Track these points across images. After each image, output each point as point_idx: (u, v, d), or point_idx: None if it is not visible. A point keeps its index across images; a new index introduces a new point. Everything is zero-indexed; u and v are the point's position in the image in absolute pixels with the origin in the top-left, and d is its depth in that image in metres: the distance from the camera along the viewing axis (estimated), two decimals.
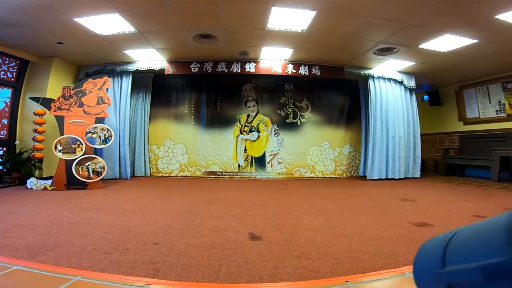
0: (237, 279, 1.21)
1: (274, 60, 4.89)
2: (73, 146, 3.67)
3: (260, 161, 5.65)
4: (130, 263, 1.34)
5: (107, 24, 3.41)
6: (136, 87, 5.43)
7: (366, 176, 5.25)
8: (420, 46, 4.06)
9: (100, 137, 3.85)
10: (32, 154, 3.94)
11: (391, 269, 1.27)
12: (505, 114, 5.10)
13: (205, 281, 1.19)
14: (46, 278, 1.16)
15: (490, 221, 0.25)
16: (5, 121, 4.23)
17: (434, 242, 0.31)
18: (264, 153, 5.67)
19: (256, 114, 5.76)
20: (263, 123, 5.72)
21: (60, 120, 3.73)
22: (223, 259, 1.41)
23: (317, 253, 1.51)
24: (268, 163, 5.65)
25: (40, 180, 3.60)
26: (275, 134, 5.73)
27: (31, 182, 3.57)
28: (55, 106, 3.73)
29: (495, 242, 0.22)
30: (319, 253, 1.50)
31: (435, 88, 6.48)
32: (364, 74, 5.16)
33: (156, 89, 5.63)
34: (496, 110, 5.27)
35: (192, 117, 5.71)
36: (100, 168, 3.77)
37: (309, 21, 3.39)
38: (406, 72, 5.37)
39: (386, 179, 5.03)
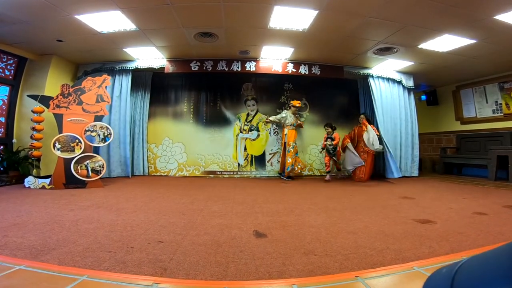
0: (247, 276, 1.20)
1: (274, 59, 4.89)
2: (72, 145, 3.63)
3: (260, 160, 5.64)
4: (136, 262, 1.32)
5: (108, 21, 3.38)
6: (135, 86, 5.38)
7: None
8: (419, 46, 4.09)
9: (99, 135, 3.81)
10: (29, 152, 3.88)
11: (400, 264, 1.27)
12: (502, 114, 5.17)
13: (214, 278, 1.17)
14: (52, 278, 1.14)
15: (496, 251, 0.26)
16: (2, 119, 4.16)
17: (441, 273, 0.31)
18: (264, 152, 5.67)
19: (256, 113, 5.75)
20: (263, 122, 5.71)
21: (58, 118, 3.68)
22: (230, 257, 1.40)
23: (323, 249, 1.51)
24: (268, 161, 5.65)
25: (38, 179, 3.55)
26: (274, 133, 5.73)
27: (29, 181, 3.52)
28: (53, 104, 3.68)
29: (501, 271, 0.23)
30: (326, 250, 1.50)
31: (432, 88, 6.54)
32: (363, 73, 5.19)
33: (155, 88, 5.60)
34: (493, 110, 5.34)
35: (191, 115, 5.68)
36: (99, 166, 3.73)
37: (311, 21, 3.40)
38: (405, 72, 5.41)
39: (386, 178, 5.05)
